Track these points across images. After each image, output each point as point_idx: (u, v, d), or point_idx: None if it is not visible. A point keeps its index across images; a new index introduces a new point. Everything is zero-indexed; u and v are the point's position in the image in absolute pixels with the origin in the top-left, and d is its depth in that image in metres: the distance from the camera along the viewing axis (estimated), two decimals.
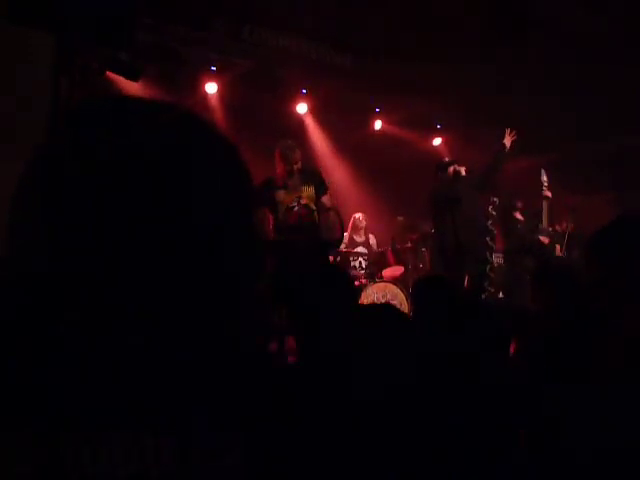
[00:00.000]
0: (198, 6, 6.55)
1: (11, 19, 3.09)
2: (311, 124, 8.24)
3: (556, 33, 6.48)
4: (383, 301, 6.41)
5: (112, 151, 0.75)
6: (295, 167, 5.14)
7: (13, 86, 3.58)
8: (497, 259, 7.36)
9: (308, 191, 5.21)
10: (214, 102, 7.37)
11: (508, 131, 5.95)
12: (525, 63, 6.79)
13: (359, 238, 7.48)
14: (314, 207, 5.22)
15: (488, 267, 6.56)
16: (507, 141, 5.93)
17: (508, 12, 6.47)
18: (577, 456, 1.45)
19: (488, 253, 6.57)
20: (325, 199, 5.23)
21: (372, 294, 6.54)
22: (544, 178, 6.53)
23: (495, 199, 6.76)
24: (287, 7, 6.44)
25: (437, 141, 8.99)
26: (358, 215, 7.55)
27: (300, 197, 5.12)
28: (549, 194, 6.51)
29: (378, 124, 8.53)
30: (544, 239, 6.55)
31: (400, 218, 8.30)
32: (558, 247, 6.78)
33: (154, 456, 0.68)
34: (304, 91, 7.79)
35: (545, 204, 6.50)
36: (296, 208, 5.10)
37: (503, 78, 6.95)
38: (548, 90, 6.97)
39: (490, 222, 6.68)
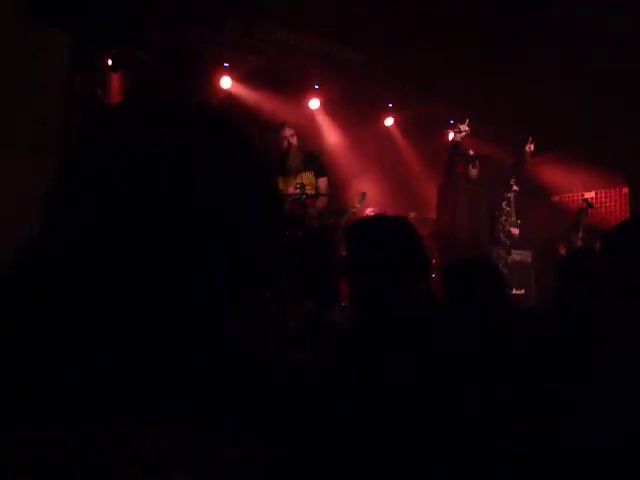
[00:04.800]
0: (210, 3, 6.56)
1: (32, 16, 3.14)
2: (323, 119, 8.24)
3: (572, 34, 6.45)
4: None
5: (123, 149, 0.76)
6: (291, 143, 5.20)
7: (30, 83, 3.61)
8: (517, 256, 7.32)
9: (309, 177, 5.29)
10: (228, 97, 7.38)
11: (529, 142, 6.12)
12: (540, 62, 6.76)
13: None
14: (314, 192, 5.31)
15: (501, 263, 6.53)
16: (527, 154, 6.12)
17: (524, 12, 6.44)
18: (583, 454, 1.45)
19: (502, 249, 6.55)
20: (321, 181, 5.31)
21: None
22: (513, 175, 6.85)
23: (509, 195, 6.75)
24: (299, 3, 6.44)
25: (451, 136, 8.93)
26: (369, 210, 7.52)
27: (303, 185, 5.17)
28: (517, 188, 6.82)
29: (390, 120, 8.50)
30: (515, 230, 6.78)
31: (412, 214, 8.25)
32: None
33: (180, 445, 0.70)
34: (316, 86, 7.78)
35: (513, 197, 6.79)
36: (302, 198, 5.15)
37: (517, 77, 6.92)
38: (564, 89, 6.93)
39: (504, 219, 6.66)
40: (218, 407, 0.73)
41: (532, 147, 6.41)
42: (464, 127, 6.17)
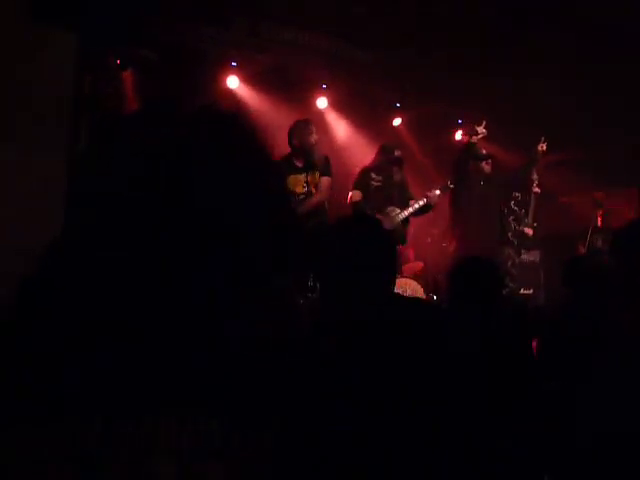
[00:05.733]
0: (218, 3, 6.56)
1: (35, 16, 3.15)
2: (331, 118, 8.23)
3: (574, 32, 6.45)
4: None
5: (125, 150, 0.76)
6: (316, 139, 5.23)
7: (31, 83, 3.62)
8: (526, 255, 7.31)
9: (314, 176, 5.31)
10: (235, 97, 7.38)
11: (542, 142, 6.15)
12: (548, 61, 6.74)
13: None
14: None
15: (510, 263, 6.52)
16: (538, 154, 6.15)
17: (524, 12, 6.43)
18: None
19: (510, 249, 6.54)
20: (323, 180, 5.33)
21: None
22: (534, 176, 6.84)
23: (517, 194, 6.73)
24: (306, 3, 6.43)
25: (459, 135, 8.92)
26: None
27: (308, 183, 5.19)
28: (538, 190, 6.83)
29: (398, 120, 8.48)
30: (528, 231, 6.80)
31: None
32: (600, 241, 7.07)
33: (205, 435, 0.71)
34: (324, 86, 7.78)
35: (534, 199, 6.80)
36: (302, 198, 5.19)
37: (522, 77, 6.91)
38: (566, 89, 6.93)
39: (512, 217, 6.64)
40: (218, 407, 0.73)
41: (544, 147, 6.41)
42: (481, 129, 6.15)
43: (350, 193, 5.84)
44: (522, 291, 7.15)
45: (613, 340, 1.68)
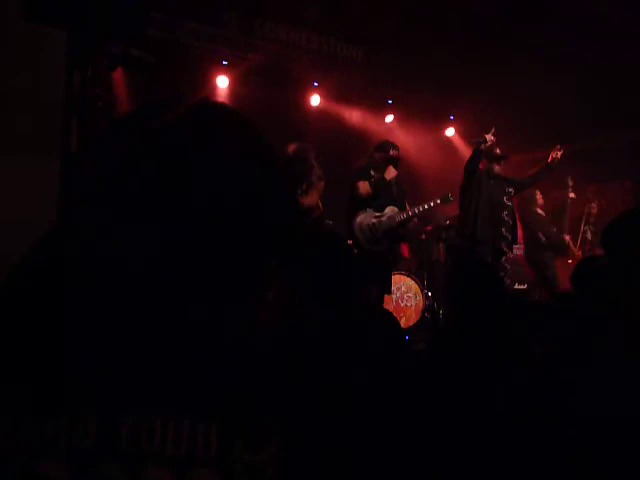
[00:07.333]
0: (210, 1, 6.54)
1: (26, 16, 3.14)
2: (323, 117, 8.22)
3: (573, 24, 6.46)
4: (398, 294, 6.45)
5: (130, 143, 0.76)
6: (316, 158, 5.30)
7: (30, 83, 3.61)
8: (518, 251, 7.33)
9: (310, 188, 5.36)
10: (225, 96, 7.37)
11: (556, 149, 6.19)
12: (541, 55, 6.76)
13: None
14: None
15: (503, 258, 6.53)
16: (553, 160, 6.26)
17: (528, 10, 6.44)
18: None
19: (504, 244, 6.55)
20: (318, 184, 5.39)
21: None
22: (570, 182, 7.15)
23: (510, 189, 6.72)
24: (299, 1, 6.43)
25: (450, 131, 8.93)
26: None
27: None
28: (574, 195, 7.14)
29: (390, 117, 8.49)
30: (566, 237, 7.10)
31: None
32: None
33: (202, 441, 0.70)
34: (315, 84, 7.78)
35: (569, 205, 7.15)
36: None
37: (517, 70, 6.92)
38: (564, 81, 6.94)
39: (505, 213, 6.64)
40: (216, 412, 0.72)
41: (559, 154, 6.32)
42: (490, 137, 6.16)
43: (360, 184, 5.87)
44: (516, 286, 7.17)
45: (613, 340, 1.68)
